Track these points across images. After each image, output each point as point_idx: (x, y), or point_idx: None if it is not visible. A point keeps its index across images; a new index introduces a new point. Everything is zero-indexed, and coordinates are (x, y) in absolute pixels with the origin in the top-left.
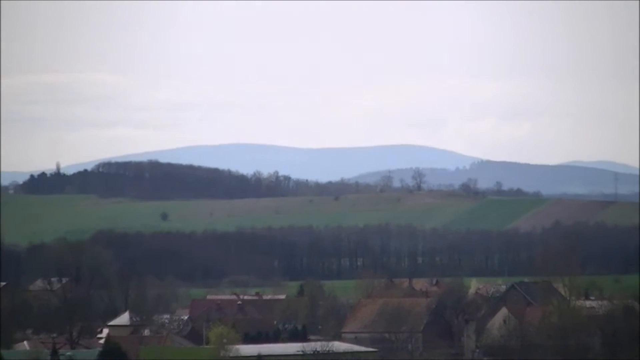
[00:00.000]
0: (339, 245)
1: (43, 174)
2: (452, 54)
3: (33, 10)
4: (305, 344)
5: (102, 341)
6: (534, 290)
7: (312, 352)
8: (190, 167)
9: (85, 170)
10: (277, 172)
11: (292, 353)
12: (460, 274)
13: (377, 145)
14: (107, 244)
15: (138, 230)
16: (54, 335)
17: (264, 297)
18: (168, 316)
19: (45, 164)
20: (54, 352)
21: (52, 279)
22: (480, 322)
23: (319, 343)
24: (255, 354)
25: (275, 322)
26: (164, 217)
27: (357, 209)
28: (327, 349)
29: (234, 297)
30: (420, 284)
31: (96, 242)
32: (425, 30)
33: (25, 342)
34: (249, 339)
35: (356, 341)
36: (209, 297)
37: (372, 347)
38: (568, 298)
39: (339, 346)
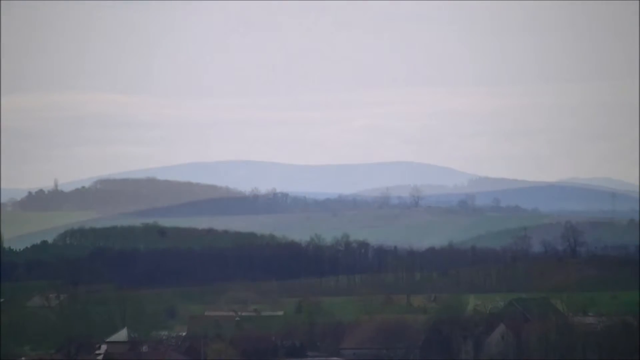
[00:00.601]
0: (337, 261)
1: (41, 191)
2: (450, 71)
3: (33, 29)
4: None
5: (100, 357)
6: (531, 306)
7: None
8: (188, 184)
9: (83, 187)
10: (274, 189)
11: None
12: (458, 290)
13: (375, 162)
14: (105, 261)
15: (135, 247)
16: (52, 351)
17: (262, 314)
18: (166, 332)
19: (43, 181)
20: None
21: (50, 295)
22: (478, 338)
23: None
24: None
25: (273, 339)
26: (162, 233)
27: (355, 225)
28: None
29: (232, 313)
30: (418, 300)
31: (94, 259)
32: (423, 47)
33: (23, 359)
34: (247, 355)
35: (355, 357)
36: (207, 313)
37: None
38: (566, 314)
39: None
